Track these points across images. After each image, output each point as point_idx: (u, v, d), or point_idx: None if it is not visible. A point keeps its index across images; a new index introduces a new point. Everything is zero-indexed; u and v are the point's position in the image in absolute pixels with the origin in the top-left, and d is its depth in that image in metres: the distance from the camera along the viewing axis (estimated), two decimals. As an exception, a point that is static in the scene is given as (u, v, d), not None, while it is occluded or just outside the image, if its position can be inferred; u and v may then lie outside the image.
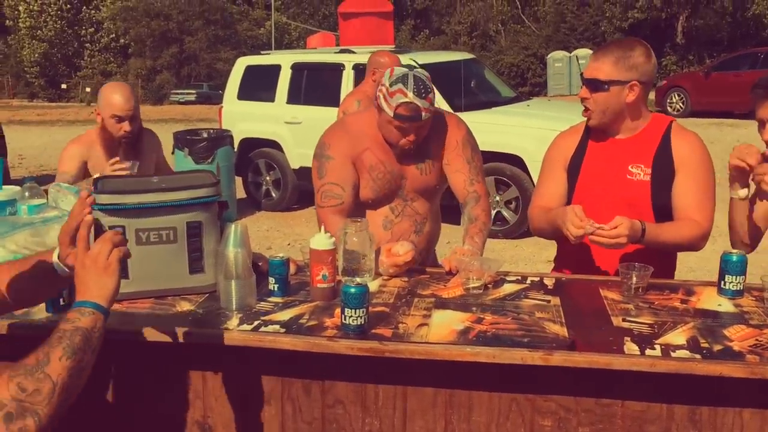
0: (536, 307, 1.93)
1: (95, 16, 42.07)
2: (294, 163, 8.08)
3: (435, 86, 2.41)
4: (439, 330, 1.77)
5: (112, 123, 2.98)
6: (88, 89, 36.37)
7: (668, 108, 16.92)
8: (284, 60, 8.40)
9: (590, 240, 2.10)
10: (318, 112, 7.53)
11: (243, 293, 1.90)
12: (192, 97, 32.68)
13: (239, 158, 8.22)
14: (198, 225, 1.95)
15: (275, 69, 8.31)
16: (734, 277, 1.99)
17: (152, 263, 1.92)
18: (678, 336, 1.74)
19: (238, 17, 41.35)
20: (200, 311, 1.91)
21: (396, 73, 2.28)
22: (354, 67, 7.68)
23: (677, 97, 17.15)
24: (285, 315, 1.87)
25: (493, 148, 6.50)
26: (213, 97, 29.21)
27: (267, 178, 8.41)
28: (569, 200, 2.36)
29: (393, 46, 9.60)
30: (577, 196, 2.34)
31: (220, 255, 1.90)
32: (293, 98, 8.15)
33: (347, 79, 7.71)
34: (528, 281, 2.16)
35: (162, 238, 1.92)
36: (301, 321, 1.83)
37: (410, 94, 2.24)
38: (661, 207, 2.27)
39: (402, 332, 1.76)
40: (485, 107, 7.38)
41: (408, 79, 2.26)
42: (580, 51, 24.50)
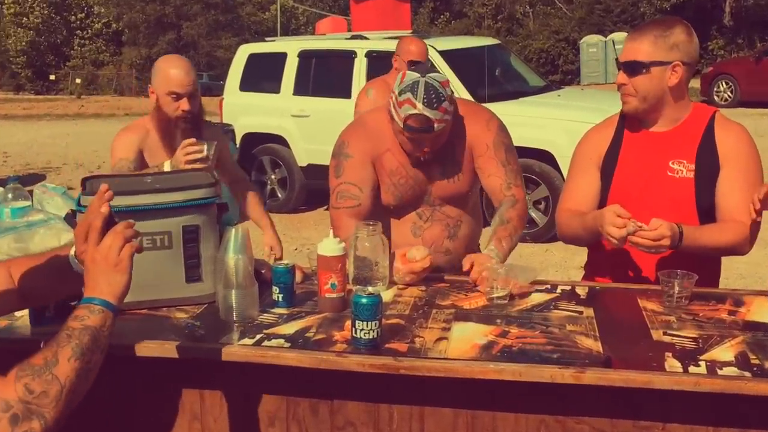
0: (567, 319, 1.92)
1: (85, 1, 42.48)
2: (301, 161, 8.10)
3: (456, 75, 2.40)
4: (460, 344, 1.77)
5: (169, 101, 2.79)
6: (78, 80, 36.74)
7: (715, 97, 16.83)
8: (291, 47, 8.42)
9: (630, 241, 2.07)
10: (327, 105, 7.55)
11: (244, 304, 1.91)
12: (190, 88, 32.87)
13: (241, 155, 8.24)
14: (195, 229, 1.96)
15: (281, 57, 8.33)
16: (789, 286, 1.98)
17: (145, 271, 1.90)
18: (725, 351, 1.72)
19: (241, 1, 41.58)
20: (197, 323, 1.91)
21: (406, 80, 2.26)
22: (367, 55, 7.70)
23: (725, 86, 17.05)
24: (290, 328, 1.87)
25: (521, 143, 6.38)
26: (213, 88, 29.22)
27: (272, 177, 8.44)
28: (602, 202, 2.32)
29: (410, 32, 9.60)
30: (613, 197, 2.30)
31: (219, 262, 1.91)
32: (301, 89, 8.17)
33: (359, 68, 7.72)
34: (558, 290, 2.15)
35: (156, 244, 1.92)
36: (308, 334, 1.84)
37: (419, 105, 2.22)
38: (707, 208, 2.24)
39: (419, 347, 1.76)
40: (511, 98, 7.35)
41: (418, 88, 2.22)
42: (617, 35, 24.30)
